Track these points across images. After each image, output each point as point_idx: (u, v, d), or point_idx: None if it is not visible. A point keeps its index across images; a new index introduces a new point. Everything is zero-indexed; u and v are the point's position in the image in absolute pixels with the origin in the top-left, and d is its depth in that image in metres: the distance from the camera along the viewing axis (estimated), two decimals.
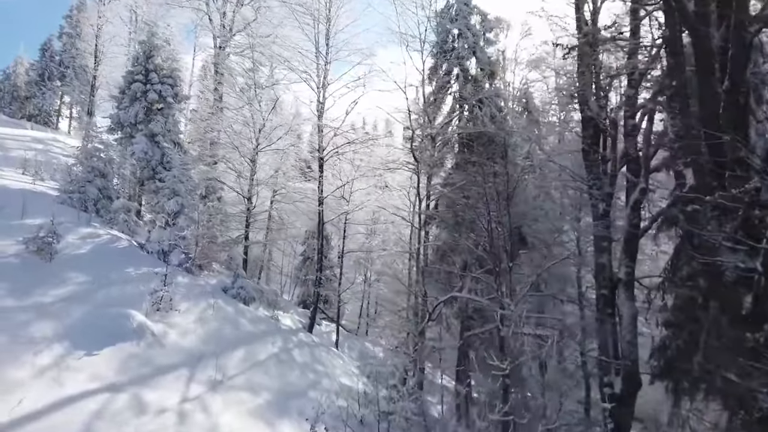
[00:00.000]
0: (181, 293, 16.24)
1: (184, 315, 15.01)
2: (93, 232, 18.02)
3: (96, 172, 21.63)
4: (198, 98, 30.82)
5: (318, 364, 17.61)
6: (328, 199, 24.78)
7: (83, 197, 20.77)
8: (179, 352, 12.93)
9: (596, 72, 18.74)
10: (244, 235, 23.09)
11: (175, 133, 26.29)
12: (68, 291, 13.50)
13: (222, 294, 18.86)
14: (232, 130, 25.54)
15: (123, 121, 25.33)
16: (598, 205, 17.85)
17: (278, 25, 27.10)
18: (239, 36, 29.14)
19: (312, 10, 23.36)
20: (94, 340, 11.45)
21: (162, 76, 26.12)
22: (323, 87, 23.18)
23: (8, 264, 13.50)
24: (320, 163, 22.89)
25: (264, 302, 20.88)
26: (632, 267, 17.23)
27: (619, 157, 18.14)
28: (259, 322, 18.24)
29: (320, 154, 22.89)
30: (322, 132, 22.95)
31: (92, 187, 21.15)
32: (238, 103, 27.54)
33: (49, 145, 35.65)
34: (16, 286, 12.57)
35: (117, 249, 17.75)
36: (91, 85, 35.91)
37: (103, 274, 15.23)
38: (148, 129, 25.13)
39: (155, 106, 25.84)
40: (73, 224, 17.75)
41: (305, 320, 22.89)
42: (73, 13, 67.26)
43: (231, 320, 16.76)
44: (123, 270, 16.21)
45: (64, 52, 66.33)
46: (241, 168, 25.71)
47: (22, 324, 11.10)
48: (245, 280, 19.83)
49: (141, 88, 25.41)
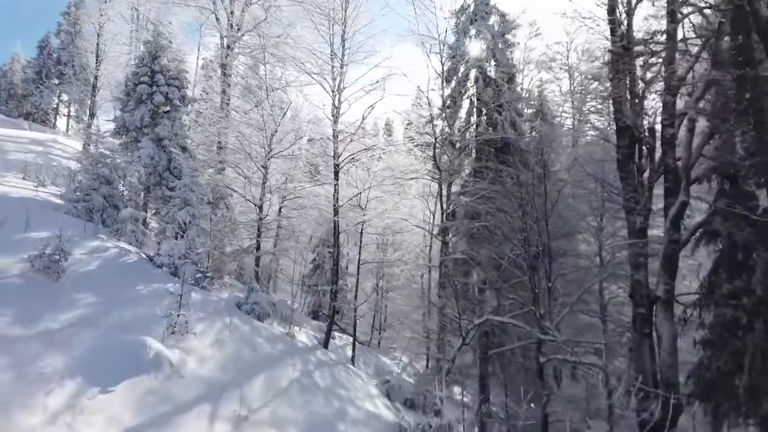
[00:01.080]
0: (195, 312, 15.23)
1: (200, 338, 14.04)
2: (100, 245, 17.02)
3: (101, 179, 20.63)
4: (203, 100, 29.66)
5: (340, 388, 16.66)
6: (342, 207, 23.87)
7: (88, 206, 19.76)
8: (199, 383, 11.96)
9: (631, 77, 17.79)
10: (255, 245, 22.09)
11: (182, 137, 25.27)
12: (78, 314, 12.51)
13: (236, 310, 17.90)
14: (242, 134, 24.49)
15: (128, 125, 24.29)
16: (635, 218, 16.90)
17: (289, 25, 26.07)
18: (248, 36, 28.08)
19: (327, 10, 22.31)
20: (109, 373, 10.47)
21: (168, 78, 25.10)
22: (339, 90, 22.16)
23: (13, 286, 12.49)
24: (335, 170, 21.88)
25: (278, 317, 19.92)
26: (671, 285, 16.30)
27: (656, 168, 17.18)
28: (275, 341, 17.27)
29: (336, 160, 21.87)
30: (337, 138, 21.93)
31: (98, 195, 20.16)
32: (245, 105, 26.55)
33: (49, 147, 34.61)
34: (23, 311, 11.57)
35: (126, 264, 16.76)
36: (93, 85, 34.80)
37: (114, 293, 14.26)
38: (154, 133, 24.12)
39: (161, 108, 24.84)
40: (79, 237, 16.74)
41: (320, 335, 21.92)
42: (71, 10, 66.16)
43: (248, 341, 15.80)
44: (134, 288, 15.24)
45: (62, 50, 65.22)
46: (250, 174, 24.70)
47: (30, 357, 10.12)
48: (259, 295, 18.85)
49: (147, 90, 24.38)
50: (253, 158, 22.44)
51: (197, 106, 28.17)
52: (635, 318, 16.84)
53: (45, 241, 14.84)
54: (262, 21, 26.67)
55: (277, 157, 22.83)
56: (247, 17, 27.77)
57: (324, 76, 22.24)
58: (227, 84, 28.12)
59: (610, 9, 18.35)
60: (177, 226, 18.34)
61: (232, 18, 28.38)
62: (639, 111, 17.65)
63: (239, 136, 22.66)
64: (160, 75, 24.87)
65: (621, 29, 18.08)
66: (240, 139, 22.63)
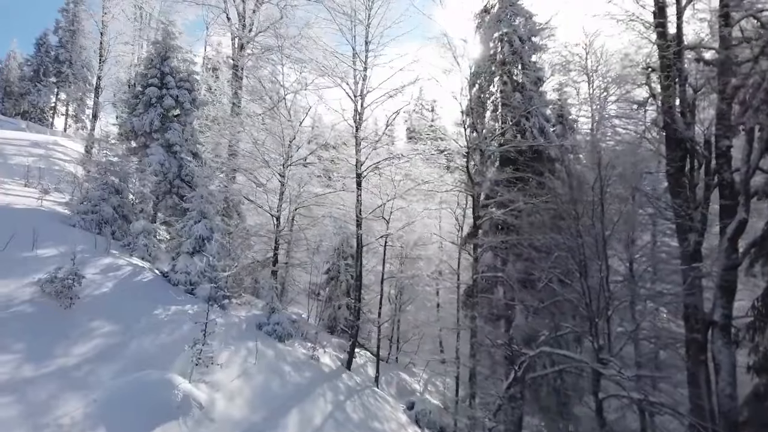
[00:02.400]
0: (218, 338, 14.02)
1: (226, 369, 12.83)
2: (113, 262, 15.76)
3: (110, 188, 19.37)
4: (212, 103, 28.35)
5: (373, 420, 15.48)
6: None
7: (97, 218, 18.51)
8: (231, 427, 10.72)
9: (681, 84, 16.63)
10: (273, 258, 20.82)
11: (193, 142, 24.08)
12: (95, 347, 11.27)
13: (257, 332, 16.67)
14: (255, 140, 23.26)
15: (137, 129, 23.07)
16: (688, 236, 15.74)
17: (306, 25, 24.75)
18: (260, 36, 26.80)
19: (348, 10, 21.06)
20: (134, 422, 9.24)
21: (179, 80, 23.91)
22: (362, 95, 20.90)
23: (23, 315, 11.24)
24: (358, 180, 20.61)
25: (299, 336, 18.69)
26: (729, 309, 15.14)
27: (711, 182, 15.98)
28: (301, 367, 16.04)
29: (358, 170, 20.59)
30: (359, 145, 20.67)
31: (107, 205, 18.89)
32: (258, 109, 25.31)
33: (50, 150, 33.24)
34: (35, 346, 10.34)
35: (141, 284, 15.50)
36: (96, 86, 33.39)
37: (131, 319, 13.04)
38: (164, 138, 22.93)
39: (171, 112, 23.61)
40: (90, 254, 15.51)
41: (342, 354, 20.63)
42: (69, 6, 64.73)
43: (275, 370, 14.58)
44: (152, 312, 14.01)
45: (60, 47, 63.80)
46: (263, 181, 23.45)
47: (45, 404, 8.89)
48: (281, 314, 17.62)
49: (156, 92, 23.17)
50: (271, 166, 21.16)
51: (207, 109, 26.78)
52: (689, 344, 15.68)
53: (55, 260, 13.73)
54: (277, 21, 25.37)
55: (295, 165, 21.54)
56: (260, 16, 26.50)
57: (346, 79, 20.98)
58: (239, 86, 26.87)
59: (659, 9, 17.22)
60: (194, 241, 17.07)
61: (244, 18, 27.13)
62: (691, 121, 16.50)
63: (256, 143, 21.33)
64: (170, 77, 23.66)
65: (670, 32, 17.02)
66: (257, 145, 21.29)
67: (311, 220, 24.56)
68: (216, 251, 17.39)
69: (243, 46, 26.68)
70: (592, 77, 31.57)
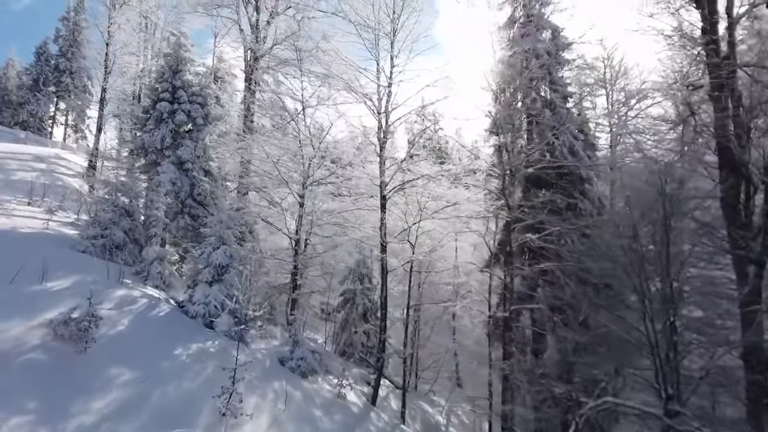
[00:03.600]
0: (241, 375, 12.86)
1: (255, 420, 11.67)
2: (127, 294, 14.58)
3: (121, 210, 18.23)
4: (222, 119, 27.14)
5: None
6: (376, 237, 21.56)
7: (107, 242, 17.36)
8: None
9: (735, 107, 15.59)
10: (291, 284, 19.65)
11: (206, 159, 22.92)
12: (115, 400, 10.10)
13: (281, 368, 15.53)
14: (273, 157, 22.18)
15: (147, 146, 21.89)
16: (747, 269, 14.64)
17: (323, 38, 23.72)
18: (276, 48, 25.75)
19: (373, 23, 20.02)
20: None
21: (191, 94, 22.75)
22: (387, 112, 19.83)
23: (35, 364, 10.07)
24: (382, 202, 19.46)
25: (322, 369, 17.52)
26: None
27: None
28: (330, 409, 14.90)
29: (382, 191, 19.46)
30: (384, 165, 19.56)
31: (118, 229, 17.76)
32: (270, 124, 24.24)
33: (53, 164, 32.21)
34: (49, 403, 9.18)
35: (158, 318, 14.33)
36: (101, 98, 32.26)
37: (152, 363, 11.90)
38: (176, 155, 21.76)
39: (183, 128, 22.47)
40: (102, 285, 14.31)
41: (366, 389, 19.35)
42: (70, 15, 63.77)
43: (306, 416, 13.43)
44: (172, 352, 12.86)
45: (60, 56, 62.78)
46: (278, 199, 22.33)
47: None
48: (304, 349, 16.46)
49: (168, 107, 22.02)
50: (290, 186, 20.05)
51: (218, 124, 25.64)
52: (750, 386, 14.55)
53: (66, 294, 12.68)
54: (292, 34, 24.31)
55: (315, 185, 20.43)
56: (276, 29, 25.46)
57: (369, 95, 19.93)
58: (252, 100, 25.78)
59: (710, 25, 16.20)
60: (213, 270, 15.90)
61: (258, 29, 26.05)
62: (746, 144, 15.45)
63: (276, 162, 20.19)
64: (181, 91, 22.54)
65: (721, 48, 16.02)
66: (276, 164, 20.16)
67: (327, 240, 23.39)
68: (236, 280, 16.21)
69: (257, 59, 25.58)
70: (611, 92, 30.71)
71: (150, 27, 39.73)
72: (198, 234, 22.54)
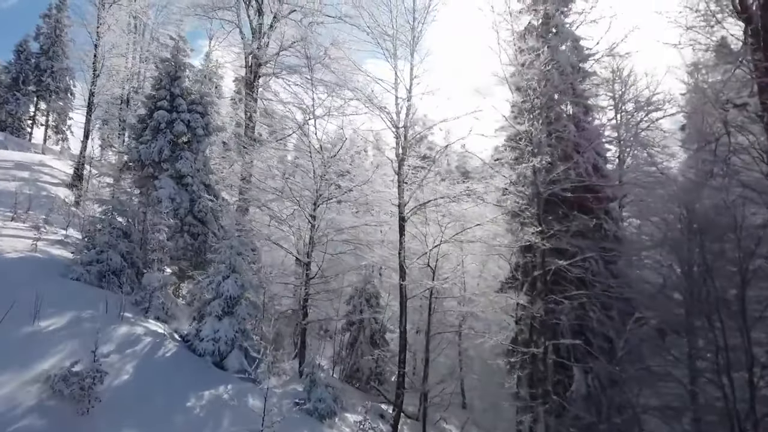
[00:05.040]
0: None
1: None
2: (129, 332, 13.06)
3: (118, 231, 16.64)
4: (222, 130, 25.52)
5: None
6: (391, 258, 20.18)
7: (103, 267, 15.77)
8: None
9: None
10: (302, 311, 18.18)
11: (206, 172, 21.40)
12: None
13: (298, 411, 14.08)
14: (275, 171, 20.75)
15: (144, 159, 20.27)
16: None
17: (332, 44, 22.38)
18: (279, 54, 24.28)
19: (390, 29, 18.68)
20: None
21: (190, 103, 21.22)
22: (406, 127, 18.45)
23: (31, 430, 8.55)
24: (401, 225, 18.06)
25: (339, 407, 16.05)
26: None
27: None
28: None
29: (401, 212, 18.07)
30: (402, 185, 18.18)
31: (115, 253, 16.16)
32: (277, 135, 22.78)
33: (36, 172, 30.27)
34: None
35: (165, 360, 12.82)
36: (89, 102, 30.39)
37: (164, 419, 10.46)
38: (174, 168, 20.22)
39: (181, 139, 20.92)
40: (101, 321, 12.74)
41: (384, 426, 17.86)
42: (52, 12, 61.50)
43: None
44: (184, 404, 11.39)
45: (41, 55, 60.50)
46: (282, 215, 20.81)
47: None
48: (323, 389, 14.99)
49: (166, 117, 20.46)
50: (300, 204, 18.58)
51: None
52: None
53: (62, 336, 11.28)
54: (300, 40, 22.84)
55: (327, 203, 18.97)
56: (283, 33, 23.96)
57: (388, 109, 18.55)
58: (253, 109, 24.25)
59: (752, 33, 15.10)
60: (223, 302, 14.38)
61: (260, 33, 24.50)
62: None
63: (284, 176, 18.67)
64: (180, 99, 21.00)
65: None
66: (285, 180, 18.65)
67: (336, 259, 21.96)
68: (247, 313, 14.70)
69: (260, 65, 24.05)
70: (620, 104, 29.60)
71: (139, 28, 38.12)
72: (198, 253, 21.02)
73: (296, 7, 24.21)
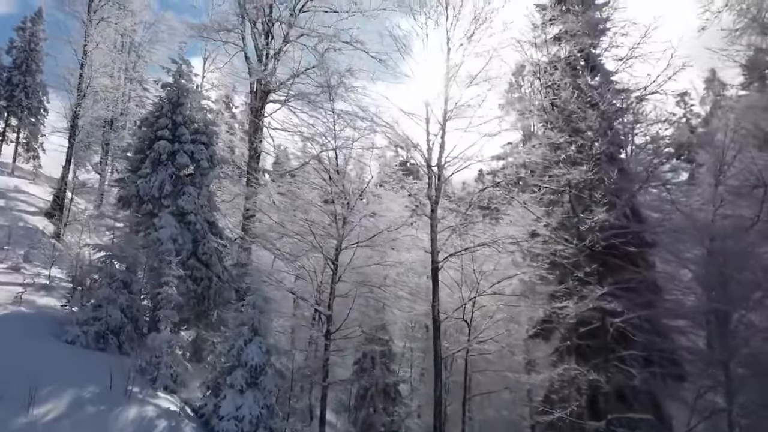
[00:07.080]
0: None
1: None
2: (139, 414, 10.95)
3: (118, 282, 14.48)
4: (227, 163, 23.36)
5: None
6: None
7: (101, 326, 13.60)
8: None
9: None
10: (323, 372, 16.09)
11: (210, 209, 19.33)
12: None
13: None
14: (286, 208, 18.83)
15: (142, 194, 18.07)
16: None
17: (348, 70, 20.73)
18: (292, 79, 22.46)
19: (423, 59, 17.04)
20: None
21: (193, 132, 19.13)
22: (439, 165, 16.68)
23: None
24: (434, 275, 16.23)
25: None
26: None
27: None
28: None
29: (434, 261, 16.23)
30: (436, 230, 16.37)
31: (114, 308, 14.01)
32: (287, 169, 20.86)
33: (11, 199, 27.70)
34: None
35: None
36: (72, 124, 27.92)
37: None
38: (176, 205, 18.08)
39: (183, 172, 18.86)
40: (106, 403, 10.71)
41: None
42: (26, 25, 58.74)
43: None
44: None
45: (14, 69, 57.56)
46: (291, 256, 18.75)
47: None
48: None
49: (167, 147, 18.28)
50: (324, 250, 16.60)
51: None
52: None
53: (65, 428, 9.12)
54: (316, 65, 21.07)
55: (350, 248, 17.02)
56: (296, 59, 22.17)
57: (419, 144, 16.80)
58: (258, 139, 22.32)
59: None
60: (247, 372, 12.31)
61: (267, 57, 22.62)
62: None
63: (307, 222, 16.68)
64: (183, 128, 18.88)
65: None
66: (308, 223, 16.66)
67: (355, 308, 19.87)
68: (274, 384, 12.65)
69: (268, 92, 22.13)
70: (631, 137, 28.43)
71: (125, 46, 35.95)
72: (200, 300, 18.82)
73: (307, 31, 22.41)
